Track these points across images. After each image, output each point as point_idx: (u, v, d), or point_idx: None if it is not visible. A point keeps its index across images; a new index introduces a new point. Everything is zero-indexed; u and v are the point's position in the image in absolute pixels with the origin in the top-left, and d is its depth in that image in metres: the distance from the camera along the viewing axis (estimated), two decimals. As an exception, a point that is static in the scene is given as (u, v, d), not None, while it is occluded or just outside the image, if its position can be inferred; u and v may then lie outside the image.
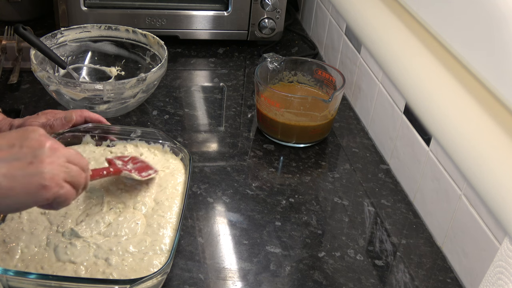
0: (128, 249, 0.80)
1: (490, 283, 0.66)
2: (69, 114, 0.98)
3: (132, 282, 0.72)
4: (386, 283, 0.88)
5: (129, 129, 1.01)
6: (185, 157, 0.97)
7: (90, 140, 0.99)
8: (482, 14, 0.62)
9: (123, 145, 1.00)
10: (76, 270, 0.77)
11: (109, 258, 0.78)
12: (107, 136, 1.00)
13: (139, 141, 1.00)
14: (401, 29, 0.82)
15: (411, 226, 1.00)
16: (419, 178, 1.02)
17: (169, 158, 0.98)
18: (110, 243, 0.81)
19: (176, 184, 0.93)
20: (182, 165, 0.97)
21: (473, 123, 0.67)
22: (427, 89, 0.76)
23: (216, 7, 1.46)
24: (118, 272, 0.77)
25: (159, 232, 0.83)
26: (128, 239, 0.82)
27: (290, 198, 1.03)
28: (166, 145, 0.99)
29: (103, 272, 0.77)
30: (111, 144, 1.00)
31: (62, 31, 1.23)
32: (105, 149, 0.99)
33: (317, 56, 1.52)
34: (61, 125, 0.97)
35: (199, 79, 1.41)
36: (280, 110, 1.12)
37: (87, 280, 0.75)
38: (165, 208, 0.88)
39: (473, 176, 0.66)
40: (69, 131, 0.97)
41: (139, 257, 0.80)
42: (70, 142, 0.98)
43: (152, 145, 1.00)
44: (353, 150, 1.18)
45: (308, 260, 0.91)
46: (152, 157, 0.98)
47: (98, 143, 1.00)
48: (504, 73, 0.59)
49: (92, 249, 0.80)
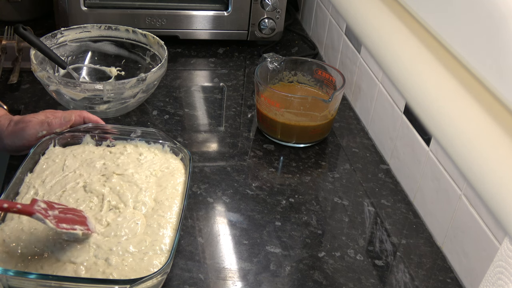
0: (128, 249, 0.80)
1: (490, 283, 0.66)
2: (68, 114, 0.99)
3: (132, 282, 0.72)
4: (386, 283, 0.88)
5: (129, 129, 1.01)
6: (185, 157, 0.97)
7: (90, 140, 0.99)
8: (482, 14, 0.62)
9: (123, 145, 1.00)
10: (76, 270, 0.77)
11: (109, 258, 0.78)
12: (107, 136, 1.00)
13: (139, 141, 1.00)
14: (401, 29, 0.82)
15: (411, 226, 1.00)
16: (419, 178, 1.02)
17: (169, 158, 0.98)
18: (110, 243, 0.81)
19: (176, 184, 0.93)
20: (182, 165, 0.97)
21: (473, 123, 0.67)
22: (427, 89, 0.76)
23: (216, 7, 1.46)
24: (118, 272, 0.77)
25: (159, 232, 0.83)
26: (128, 239, 0.82)
27: (290, 198, 1.03)
28: (166, 145, 0.99)
29: (103, 272, 0.77)
30: (111, 144, 1.00)
31: (62, 31, 1.23)
32: (105, 149, 0.99)
33: (317, 56, 1.52)
34: (59, 124, 0.97)
35: (199, 79, 1.40)
36: (280, 110, 1.12)
37: (87, 280, 0.75)
38: (165, 208, 0.88)
39: (473, 176, 0.66)
40: (68, 131, 0.98)
41: (139, 257, 0.79)
42: (70, 142, 0.99)
43: (152, 145, 1.00)
44: (353, 150, 1.18)
45: (308, 260, 0.91)
46: (153, 157, 0.98)
47: (98, 143, 1.00)
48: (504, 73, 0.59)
49: (92, 249, 0.80)
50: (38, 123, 0.97)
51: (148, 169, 0.95)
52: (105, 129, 1.00)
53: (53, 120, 0.97)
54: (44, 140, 0.96)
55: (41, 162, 0.94)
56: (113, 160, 0.96)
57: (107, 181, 0.91)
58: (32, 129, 0.96)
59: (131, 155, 0.98)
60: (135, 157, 0.97)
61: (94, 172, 0.93)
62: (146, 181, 0.92)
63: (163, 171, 0.95)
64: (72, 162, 0.95)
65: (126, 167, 0.95)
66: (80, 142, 0.99)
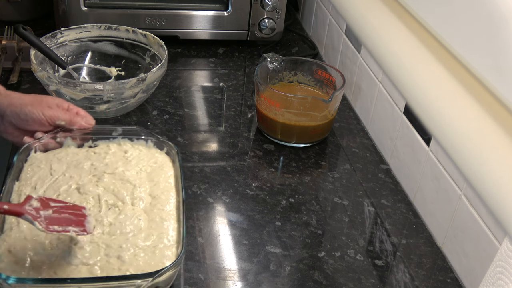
0: (138, 245, 0.81)
1: (490, 283, 0.66)
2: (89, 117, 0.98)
3: (155, 274, 0.73)
4: (386, 283, 0.88)
5: (109, 128, 1.00)
6: (171, 150, 0.97)
7: (71, 143, 0.98)
8: (482, 14, 0.62)
9: (105, 144, 0.99)
10: (91, 271, 0.76)
11: (121, 256, 0.79)
12: (88, 137, 0.98)
13: (121, 139, 0.99)
14: (401, 29, 0.82)
15: (411, 226, 1.00)
16: (419, 178, 1.02)
17: (154, 152, 0.98)
18: (118, 241, 0.81)
19: (168, 177, 0.93)
20: (169, 159, 0.98)
21: (473, 123, 0.67)
22: (427, 89, 0.76)
23: (216, 7, 1.46)
24: (134, 267, 0.77)
25: (163, 225, 0.84)
26: (135, 235, 0.82)
27: (290, 198, 1.03)
28: (150, 140, 0.99)
29: (119, 269, 0.77)
30: (93, 145, 0.99)
31: (62, 31, 1.23)
32: (88, 150, 0.98)
33: (317, 56, 1.52)
34: (80, 125, 0.96)
35: (199, 79, 1.41)
36: (280, 110, 1.12)
37: (110, 279, 0.75)
38: (163, 201, 0.88)
39: (473, 176, 0.66)
40: (49, 135, 0.95)
41: (150, 250, 0.80)
42: (52, 147, 0.96)
43: (136, 142, 1.00)
44: (353, 150, 1.18)
45: (308, 260, 0.91)
46: (138, 153, 0.97)
47: (80, 145, 0.98)
48: (504, 73, 0.59)
49: (102, 248, 0.79)
50: (61, 109, 0.95)
51: (137, 165, 0.95)
52: (85, 130, 0.98)
53: (75, 118, 0.95)
54: (26, 146, 0.93)
55: (25, 169, 0.92)
56: (100, 160, 0.95)
57: (99, 181, 0.90)
58: (54, 112, 0.94)
59: (116, 154, 0.97)
60: (121, 155, 0.97)
61: (83, 173, 0.92)
62: (138, 177, 0.92)
63: (152, 166, 0.95)
64: (59, 165, 0.93)
65: (115, 165, 0.94)
66: (62, 146, 0.97)
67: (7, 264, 0.76)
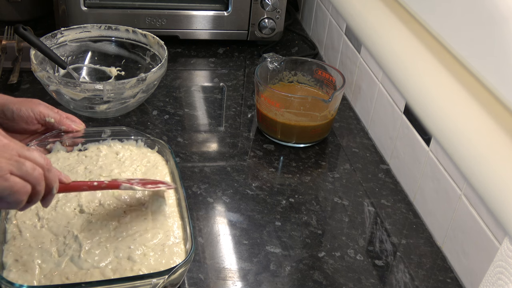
0: (146, 244, 0.81)
1: (490, 283, 0.66)
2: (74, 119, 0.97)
3: (170, 271, 0.73)
4: (386, 283, 0.89)
5: (97, 130, 0.99)
6: (162, 148, 0.97)
7: (61, 147, 0.96)
8: (482, 14, 0.62)
9: (96, 146, 0.98)
10: (104, 274, 0.76)
11: (131, 256, 0.79)
12: (77, 140, 0.97)
13: (111, 140, 0.99)
14: (401, 29, 0.82)
15: (411, 226, 1.00)
16: (419, 178, 1.02)
17: (145, 152, 0.98)
18: (126, 242, 0.81)
19: (163, 175, 0.94)
20: (161, 157, 0.98)
21: (473, 123, 0.67)
22: (427, 89, 0.76)
23: (216, 7, 1.46)
24: (146, 266, 0.77)
25: (167, 223, 0.85)
26: (142, 235, 0.82)
27: (290, 198, 1.03)
28: (140, 140, 0.99)
29: (131, 270, 0.77)
30: (82, 148, 0.98)
31: (62, 31, 1.23)
32: (79, 154, 0.96)
33: (317, 56, 1.52)
34: (68, 124, 0.95)
35: (199, 79, 1.41)
36: (280, 110, 1.12)
37: (124, 280, 0.74)
38: (163, 200, 0.89)
39: (473, 176, 0.66)
40: (36, 141, 0.94)
41: (159, 249, 0.80)
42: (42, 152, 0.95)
43: (126, 142, 0.99)
44: (353, 150, 1.18)
45: (308, 260, 0.91)
46: (130, 154, 0.97)
47: (69, 149, 0.97)
48: (504, 73, 0.59)
49: (111, 251, 0.79)
50: (50, 108, 0.94)
51: (131, 166, 0.95)
52: (73, 133, 0.97)
53: (64, 119, 0.94)
54: None
55: None
56: (93, 163, 0.94)
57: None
58: (43, 109, 0.92)
59: (108, 156, 0.96)
60: (113, 157, 0.96)
61: (78, 178, 0.91)
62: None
63: (145, 165, 0.95)
64: None
65: (109, 167, 0.94)
66: (51, 151, 0.96)
67: (17, 274, 0.75)
